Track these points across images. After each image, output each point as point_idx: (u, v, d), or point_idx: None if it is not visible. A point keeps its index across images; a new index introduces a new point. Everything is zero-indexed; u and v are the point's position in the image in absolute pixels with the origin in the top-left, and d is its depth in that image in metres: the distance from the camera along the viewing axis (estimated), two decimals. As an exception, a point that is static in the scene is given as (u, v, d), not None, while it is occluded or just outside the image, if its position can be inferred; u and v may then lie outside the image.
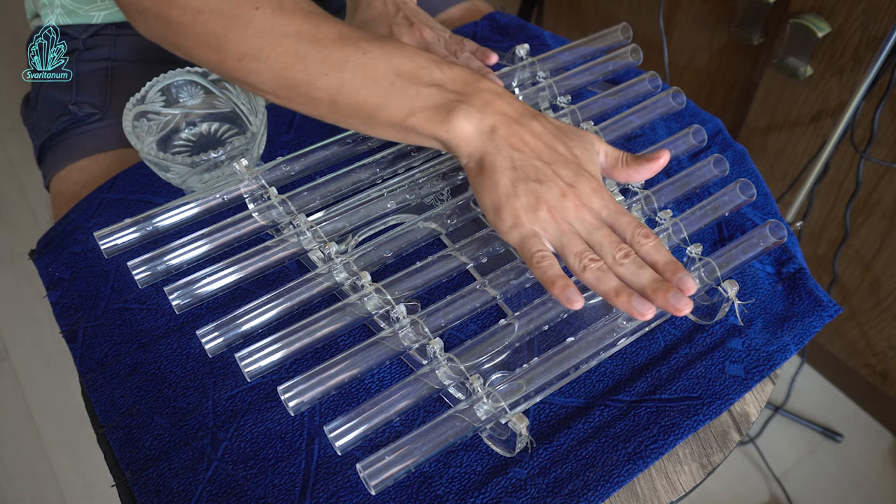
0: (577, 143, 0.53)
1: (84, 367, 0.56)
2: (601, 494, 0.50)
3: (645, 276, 0.49)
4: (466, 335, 0.58)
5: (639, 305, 0.47)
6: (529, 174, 0.50)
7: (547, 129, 0.53)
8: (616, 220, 0.51)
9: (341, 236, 0.58)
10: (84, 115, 0.74)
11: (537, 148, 0.51)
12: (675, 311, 0.47)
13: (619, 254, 0.49)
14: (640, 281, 0.49)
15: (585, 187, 0.51)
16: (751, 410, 0.57)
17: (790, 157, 1.19)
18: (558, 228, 0.50)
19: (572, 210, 0.50)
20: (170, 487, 0.50)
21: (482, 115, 0.51)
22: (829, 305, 0.60)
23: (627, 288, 0.48)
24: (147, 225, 0.54)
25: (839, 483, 1.28)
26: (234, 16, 0.49)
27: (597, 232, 0.50)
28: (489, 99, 0.52)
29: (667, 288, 0.48)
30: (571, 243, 0.50)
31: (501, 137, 0.51)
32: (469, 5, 0.91)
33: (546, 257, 0.49)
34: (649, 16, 1.31)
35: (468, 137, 0.51)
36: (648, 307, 0.47)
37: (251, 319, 0.50)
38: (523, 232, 0.50)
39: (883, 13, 0.94)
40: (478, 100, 0.51)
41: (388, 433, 0.52)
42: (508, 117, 0.51)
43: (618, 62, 0.71)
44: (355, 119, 0.52)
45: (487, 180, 0.51)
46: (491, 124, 0.51)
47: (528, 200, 0.50)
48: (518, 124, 0.51)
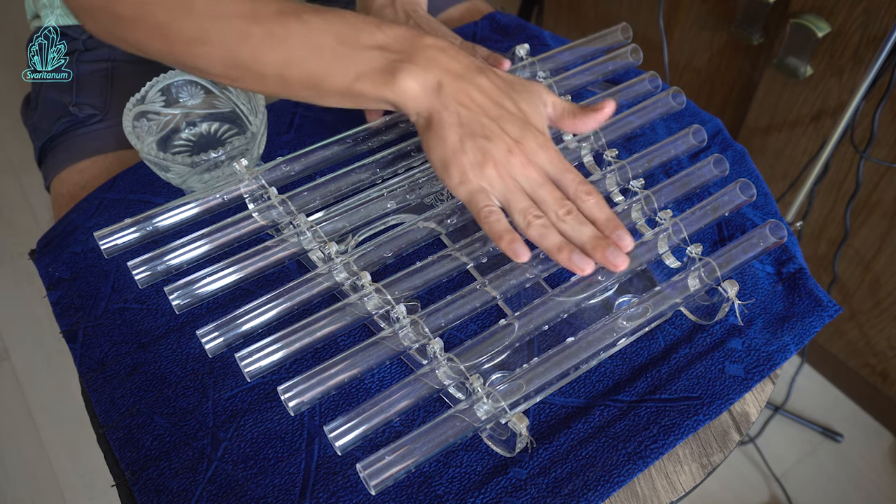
0: (524, 96, 0.54)
1: (84, 367, 0.56)
2: (601, 494, 0.50)
3: (585, 232, 0.50)
4: (466, 335, 0.58)
5: (578, 261, 0.49)
6: (476, 130, 0.51)
7: (494, 83, 0.53)
8: (561, 176, 0.52)
9: (341, 236, 0.58)
10: (84, 116, 0.74)
11: (484, 104, 0.52)
12: (613, 267, 0.49)
13: (562, 210, 0.51)
14: (580, 237, 0.50)
15: (531, 143, 0.52)
16: (751, 410, 0.57)
17: (790, 157, 1.19)
18: (504, 185, 0.51)
19: (518, 166, 0.51)
20: (170, 487, 0.50)
21: (427, 73, 0.51)
22: (829, 305, 0.60)
23: (569, 244, 0.50)
24: (147, 225, 0.54)
25: (839, 483, 1.28)
26: (177, 3, 0.50)
27: (541, 189, 0.51)
28: (433, 56, 0.52)
29: (605, 244, 0.50)
30: (517, 199, 0.51)
31: (448, 94, 0.51)
32: (469, 5, 0.91)
33: (493, 212, 0.51)
34: (649, 16, 1.31)
35: (414, 95, 0.51)
36: (587, 262, 0.50)
37: (251, 319, 0.50)
38: (471, 188, 0.51)
39: (883, 13, 0.94)
40: (421, 57, 0.52)
41: (388, 433, 0.52)
42: (454, 73, 0.52)
43: (618, 62, 0.71)
44: (305, 91, 0.53)
45: (435, 137, 0.52)
46: (437, 81, 0.51)
47: (475, 157, 0.51)
48: (464, 80, 0.52)
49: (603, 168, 0.62)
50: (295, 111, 0.74)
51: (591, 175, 0.62)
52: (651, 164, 0.63)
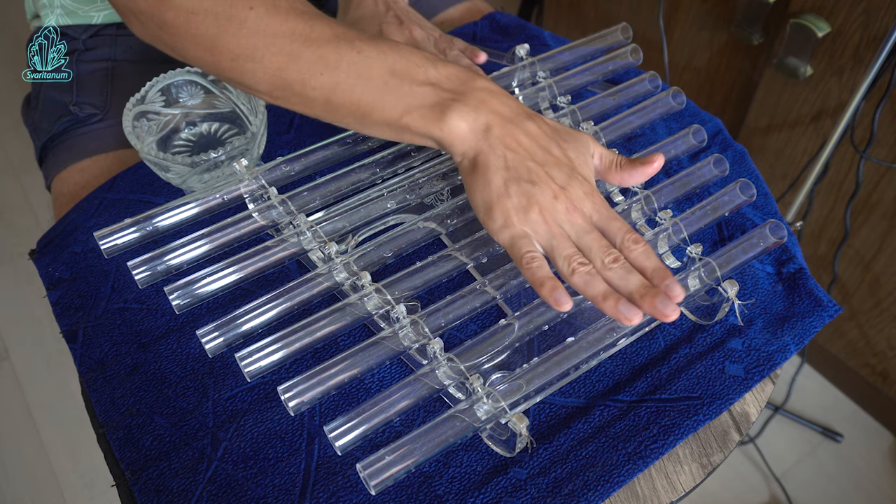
0: (571, 145, 0.53)
1: (84, 367, 0.56)
2: (601, 494, 0.50)
3: (633, 281, 0.49)
4: (466, 335, 0.58)
5: (626, 310, 0.47)
6: (522, 175, 0.50)
7: (542, 129, 0.52)
8: (607, 224, 0.51)
9: (341, 236, 0.58)
10: (85, 115, 0.74)
11: (531, 149, 0.51)
12: (663, 318, 0.47)
13: (609, 258, 0.49)
14: (628, 286, 0.49)
15: (578, 190, 0.51)
16: (751, 410, 0.57)
17: (790, 157, 1.19)
18: (549, 231, 0.50)
19: (563, 213, 0.50)
20: (170, 487, 0.50)
21: (477, 114, 0.51)
22: (829, 305, 0.60)
23: (615, 292, 0.48)
24: (147, 225, 0.54)
25: (839, 483, 1.28)
26: (228, 16, 0.49)
27: (587, 236, 0.50)
28: (484, 98, 0.51)
29: (654, 294, 0.48)
30: (561, 246, 0.50)
31: (496, 137, 0.51)
32: (469, 5, 0.91)
33: (535, 258, 0.49)
34: (649, 16, 1.31)
35: (462, 136, 0.51)
36: (635, 312, 0.47)
37: (251, 319, 0.50)
38: (514, 232, 0.50)
39: (883, 13, 0.94)
40: (473, 98, 0.51)
41: (388, 433, 0.52)
42: (503, 117, 0.51)
43: (618, 62, 0.71)
44: (350, 118, 0.52)
45: (480, 179, 0.51)
46: (486, 123, 0.51)
47: (519, 201, 0.50)
48: (513, 124, 0.51)
49: (603, 168, 0.62)
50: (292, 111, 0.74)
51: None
52: (651, 164, 0.63)
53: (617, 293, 0.48)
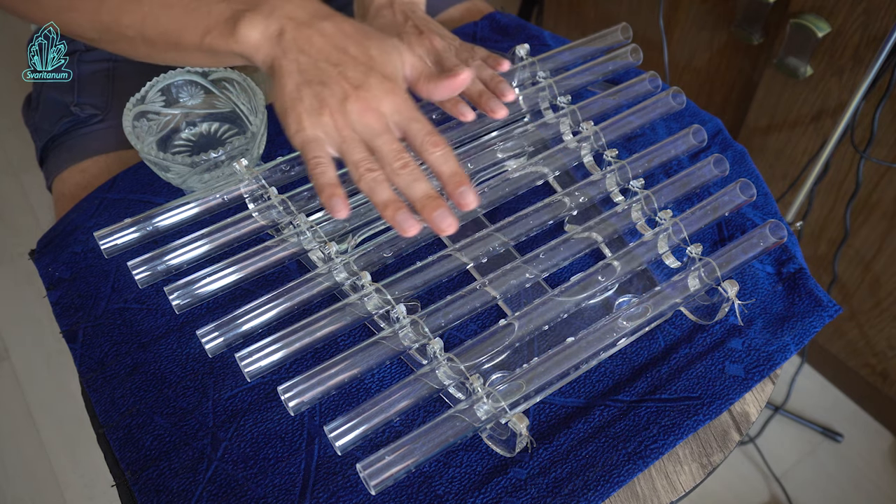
0: (375, 43, 0.52)
1: (84, 367, 0.56)
2: (601, 494, 0.50)
3: (418, 189, 0.48)
4: (466, 335, 0.58)
5: (402, 220, 0.47)
6: (314, 77, 0.49)
7: (340, 29, 0.51)
8: (407, 125, 0.49)
9: (341, 236, 0.58)
10: (86, 116, 0.74)
11: (325, 50, 0.50)
12: (438, 231, 0.47)
13: (398, 163, 0.48)
14: (412, 194, 0.48)
15: (375, 89, 0.49)
16: (751, 410, 0.57)
17: (790, 157, 1.19)
18: (339, 134, 0.49)
19: (356, 113, 0.49)
20: (170, 487, 0.50)
21: (268, 21, 0.50)
22: (829, 305, 0.60)
23: (398, 201, 0.48)
24: (147, 225, 0.54)
25: (839, 483, 1.28)
26: None
27: (379, 138, 0.49)
28: (277, 4, 0.51)
29: (435, 205, 0.47)
30: (351, 150, 0.49)
31: (289, 41, 0.50)
32: (469, 5, 0.91)
33: (321, 163, 0.48)
34: (649, 16, 1.31)
35: (257, 45, 0.51)
36: (412, 224, 0.47)
37: (251, 319, 0.50)
38: (304, 136, 0.49)
39: (883, 13, 0.94)
40: (265, 6, 0.51)
41: (388, 433, 0.52)
42: (297, 20, 0.51)
43: (618, 62, 0.71)
44: (169, 51, 0.54)
45: (276, 85, 0.50)
46: (278, 28, 0.50)
47: (311, 104, 0.49)
48: (307, 26, 0.51)
49: (603, 168, 0.62)
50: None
51: (592, 175, 0.62)
52: (651, 164, 0.63)
53: (399, 202, 0.48)
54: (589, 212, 0.65)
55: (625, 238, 0.63)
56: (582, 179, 0.62)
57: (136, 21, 0.52)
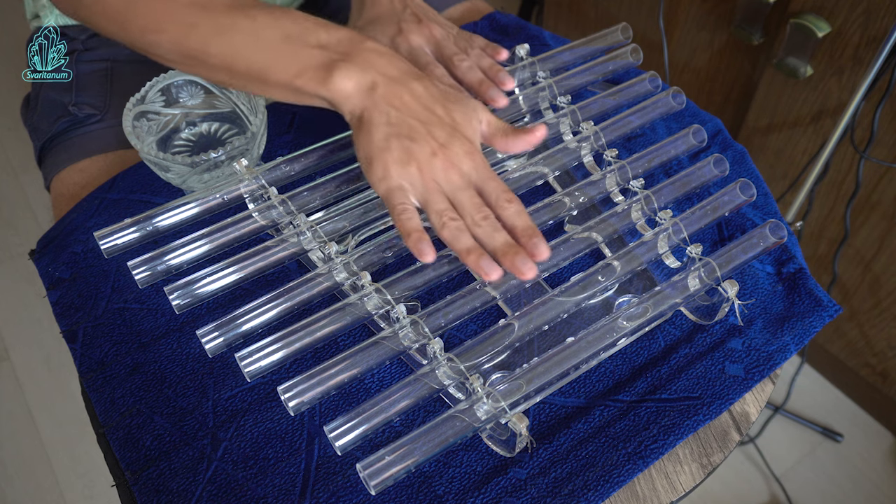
0: (457, 107, 0.55)
1: (84, 367, 0.56)
2: (601, 494, 0.50)
3: (499, 238, 0.51)
4: (466, 335, 0.58)
5: (486, 265, 0.50)
6: (403, 131, 0.52)
7: (428, 90, 0.54)
8: (484, 184, 0.53)
9: (341, 236, 0.58)
10: (84, 116, 0.74)
11: (415, 108, 0.53)
12: (520, 274, 0.50)
13: (479, 215, 0.51)
14: (493, 243, 0.51)
15: (458, 149, 0.53)
16: (751, 410, 0.57)
17: (790, 157, 1.19)
18: (424, 185, 0.52)
19: (440, 170, 0.52)
20: (170, 487, 0.50)
21: (363, 73, 0.52)
22: (829, 305, 0.60)
23: (479, 248, 0.51)
24: (147, 225, 0.54)
25: (839, 483, 1.28)
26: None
27: (461, 192, 0.52)
28: (371, 58, 0.53)
29: (516, 252, 0.50)
30: (435, 200, 0.52)
31: (380, 95, 0.53)
32: (469, 5, 0.91)
33: (407, 210, 0.51)
34: (649, 16, 1.31)
35: (348, 94, 0.53)
36: (495, 269, 0.50)
37: (251, 319, 0.50)
38: (390, 184, 0.52)
39: (883, 13, 0.94)
40: (360, 59, 0.53)
41: (388, 433, 0.52)
42: (389, 76, 0.53)
43: (618, 62, 0.71)
44: (251, 83, 0.55)
45: (364, 134, 0.53)
46: (371, 82, 0.53)
47: (399, 155, 0.52)
48: (398, 83, 0.53)
49: (603, 168, 0.62)
50: (295, 111, 0.74)
51: (592, 175, 0.62)
52: (651, 164, 0.63)
53: (480, 249, 0.51)
54: (589, 212, 0.65)
55: (625, 238, 0.63)
56: (582, 179, 0.62)
57: (224, 52, 0.53)
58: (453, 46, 0.68)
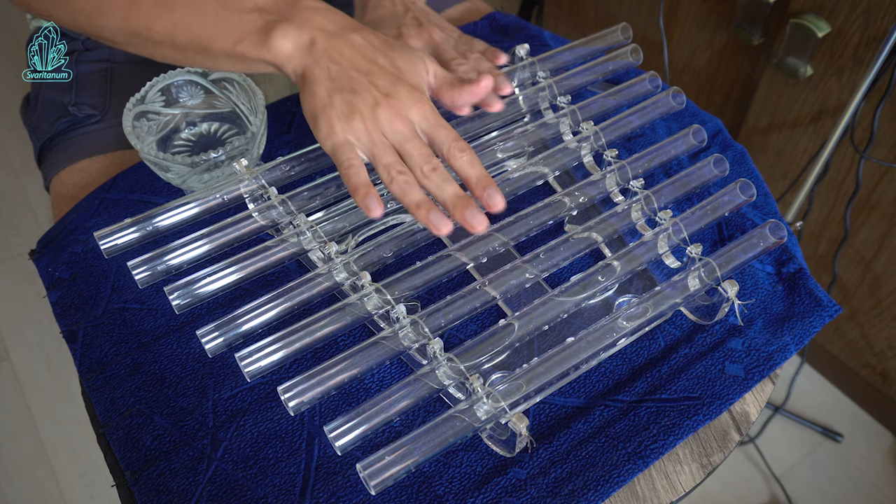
0: (400, 55, 0.54)
1: (84, 367, 0.56)
2: (601, 494, 0.50)
3: (449, 190, 0.50)
4: (466, 335, 0.58)
5: (435, 219, 0.49)
6: (345, 85, 0.51)
7: (368, 41, 0.54)
8: (434, 132, 0.52)
9: (341, 236, 0.58)
10: (84, 116, 0.74)
11: (355, 60, 0.52)
12: (471, 229, 0.49)
13: (427, 166, 0.50)
14: (442, 195, 0.50)
15: (403, 97, 0.52)
16: (751, 410, 0.57)
17: (790, 157, 1.19)
18: (370, 138, 0.51)
19: (385, 120, 0.51)
20: (170, 487, 0.50)
21: (300, 31, 0.52)
22: (829, 305, 0.60)
23: (429, 202, 0.50)
24: (147, 225, 0.54)
25: (839, 483, 1.28)
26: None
27: (408, 143, 0.51)
28: (308, 16, 0.53)
29: (465, 204, 0.49)
30: (382, 154, 0.51)
31: (320, 51, 0.52)
32: (469, 5, 0.91)
33: (353, 165, 0.51)
34: (649, 16, 1.31)
35: (289, 54, 0.52)
36: (445, 223, 0.49)
37: (251, 319, 0.50)
38: (336, 140, 0.51)
39: (883, 13, 0.94)
40: (297, 17, 0.53)
41: (388, 433, 0.52)
42: (327, 31, 0.53)
43: (618, 62, 0.71)
44: (199, 56, 0.55)
45: (307, 93, 0.52)
46: (310, 39, 0.52)
47: (342, 110, 0.51)
48: (337, 37, 0.53)
49: (603, 168, 0.62)
50: (295, 111, 0.74)
51: (592, 175, 0.62)
52: (651, 164, 0.63)
53: (430, 202, 0.50)
54: (589, 212, 0.65)
55: (625, 238, 0.63)
56: (582, 179, 0.62)
57: (166, 27, 0.53)
58: (452, 51, 0.68)
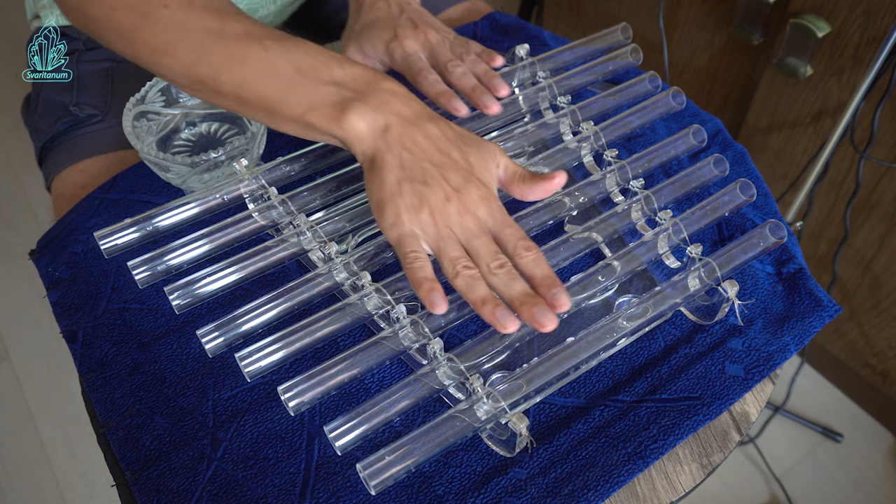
0: (473, 150, 0.53)
1: (84, 367, 0.56)
2: (601, 494, 0.50)
3: (516, 288, 0.48)
4: (466, 335, 0.58)
5: (502, 317, 0.47)
6: (416, 175, 0.50)
7: (443, 132, 0.52)
8: (500, 230, 0.51)
9: (341, 236, 0.58)
10: (85, 116, 0.74)
11: (428, 151, 0.51)
12: (539, 327, 0.47)
13: (494, 263, 0.49)
14: (510, 292, 0.48)
15: (473, 194, 0.51)
16: (751, 410, 0.57)
17: (790, 157, 1.19)
18: (437, 232, 0.50)
19: (455, 215, 0.50)
20: (170, 487, 0.50)
21: (376, 114, 0.51)
22: (829, 305, 0.60)
23: (494, 298, 0.48)
24: (147, 225, 0.54)
25: (839, 483, 1.28)
26: (144, 13, 0.51)
27: (476, 240, 0.50)
28: (386, 99, 0.52)
29: (534, 302, 0.48)
30: (448, 248, 0.50)
31: (393, 137, 0.51)
32: (469, 5, 0.91)
33: (418, 258, 0.49)
34: (649, 16, 1.31)
35: (361, 136, 0.51)
36: (512, 321, 0.48)
37: (251, 319, 0.50)
38: (402, 231, 0.50)
39: (883, 13, 0.94)
40: (374, 99, 0.51)
41: (388, 433, 0.52)
42: (403, 118, 0.52)
43: (618, 62, 0.71)
44: (260, 113, 0.53)
45: (376, 177, 0.51)
46: (385, 123, 0.51)
47: (411, 200, 0.50)
48: (412, 125, 0.52)
49: (603, 168, 0.62)
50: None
51: (592, 175, 0.62)
52: (651, 164, 0.63)
53: (496, 299, 0.48)
54: (589, 212, 0.65)
55: (625, 238, 0.63)
56: (582, 179, 0.62)
57: (234, 81, 0.52)
58: (448, 52, 0.68)
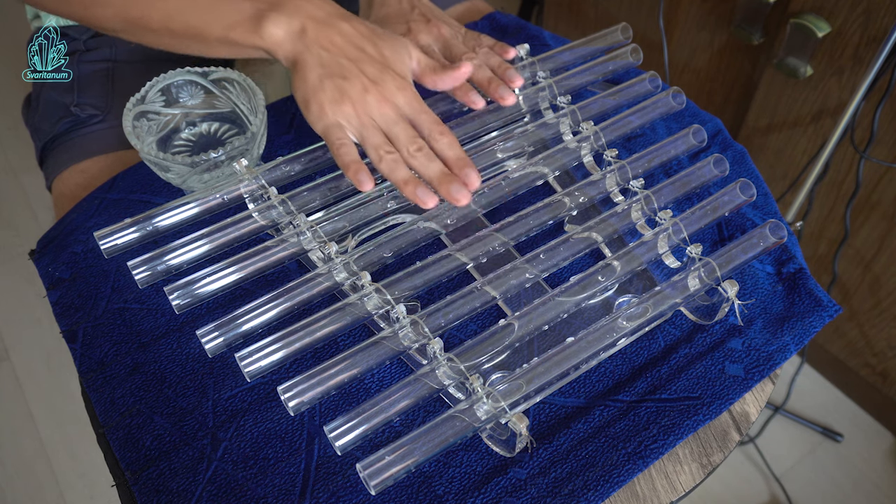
0: (387, 44, 0.58)
1: (84, 367, 0.56)
2: (601, 494, 0.50)
3: (434, 168, 0.54)
4: (466, 335, 0.58)
5: (422, 194, 0.53)
6: (335, 71, 0.55)
7: (356, 29, 0.57)
8: (416, 116, 0.56)
9: (341, 236, 0.58)
10: (86, 116, 0.74)
11: (344, 47, 0.56)
12: (455, 201, 0.54)
13: (413, 147, 0.55)
14: (428, 172, 0.55)
15: (389, 84, 0.56)
16: (751, 410, 0.57)
17: (790, 157, 1.19)
18: (360, 121, 0.55)
19: (374, 104, 0.55)
20: (170, 487, 0.50)
21: (291, 20, 0.55)
22: (829, 305, 0.60)
23: (415, 178, 0.54)
24: (147, 225, 0.54)
25: (839, 483, 1.28)
26: None
27: (395, 126, 0.55)
28: (298, 4, 0.56)
29: (450, 180, 0.54)
30: (371, 136, 0.55)
31: (311, 38, 0.56)
32: (469, 5, 0.91)
33: (344, 145, 0.55)
34: (649, 16, 1.31)
35: (280, 41, 0.56)
36: (431, 197, 0.53)
37: (251, 319, 0.50)
38: (327, 122, 0.55)
39: (883, 13, 0.94)
40: (288, 6, 0.56)
41: (388, 433, 0.52)
42: (317, 19, 0.56)
43: (618, 62, 0.71)
44: (192, 43, 0.58)
45: (298, 77, 0.56)
46: (300, 27, 0.56)
47: (332, 94, 0.55)
48: (327, 25, 0.56)
49: (603, 168, 0.62)
50: (295, 111, 0.74)
51: (592, 175, 0.62)
52: (651, 164, 0.63)
53: (417, 179, 0.54)
54: (589, 212, 0.65)
55: (625, 238, 0.63)
56: (582, 179, 0.62)
57: (162, 16, 0.56)
58: (462, 45, 0.68)
